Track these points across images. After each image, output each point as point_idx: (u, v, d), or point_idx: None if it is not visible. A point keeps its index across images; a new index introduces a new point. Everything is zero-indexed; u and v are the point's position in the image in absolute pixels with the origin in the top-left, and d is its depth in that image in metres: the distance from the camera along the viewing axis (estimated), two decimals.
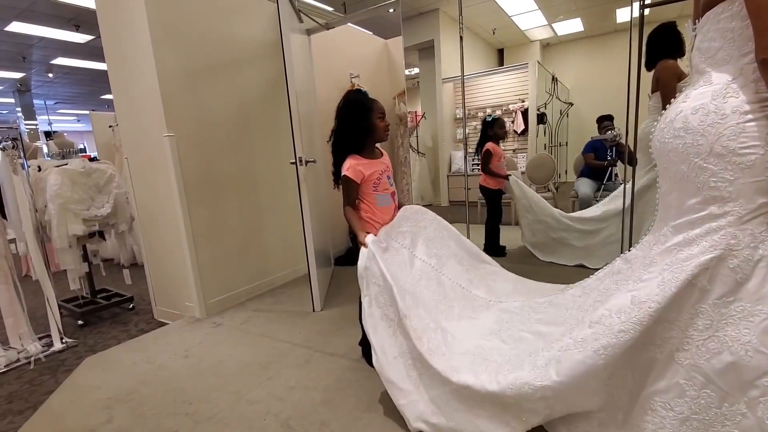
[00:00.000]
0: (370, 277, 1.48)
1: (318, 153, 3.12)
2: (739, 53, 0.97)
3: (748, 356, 0.94)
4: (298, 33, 2.88)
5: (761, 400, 0.93)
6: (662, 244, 1.09)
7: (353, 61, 3.84)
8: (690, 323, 1.01)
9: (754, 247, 0.95)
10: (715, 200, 0.99)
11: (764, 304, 0.94)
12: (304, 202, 2.46)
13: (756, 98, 0.94)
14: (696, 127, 0.99)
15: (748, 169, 0.94)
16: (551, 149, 5.55)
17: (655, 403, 1.06)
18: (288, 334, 2.28)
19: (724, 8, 0.98)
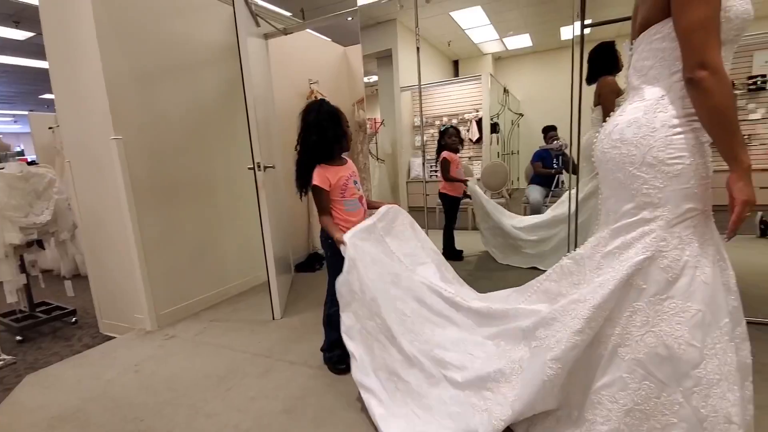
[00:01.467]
0: (349, 293, 1.51)
1: (277, 158, 3.08)
2: (668, 72, 1.05)
3: (681, 349, 1.01)
4: (256, 37, 2.84)
5: (695, 390, 1.00)
6: (605, 246, 1.16)
7: (312, 67, 3.84)
8: (629, 320, 1.08)
9: (681, 249, 1.03)
10: (646, 206, 1.07)
11: (693, 302, 1.01)
12: (263, 208, 2.42)
13: (683, 113, 1.02)
14: (630, 139, 1.07)
15: (676, 177, 1.02)
16: (504, 157, 5.81)
17: (602, 397, 1.11)
18: (247, 343, 2.23)
19: (656, 30, 1.06)
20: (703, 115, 0.98)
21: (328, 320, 1.88)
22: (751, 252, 3.05)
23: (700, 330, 1.00)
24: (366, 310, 1.49)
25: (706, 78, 0.93)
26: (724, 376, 1.00)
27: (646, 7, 1.07)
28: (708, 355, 1.00)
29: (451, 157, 3.27)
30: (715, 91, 0.94)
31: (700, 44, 0.94)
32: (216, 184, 2.93)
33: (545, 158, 3.75)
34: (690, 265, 1.02)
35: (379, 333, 1.47)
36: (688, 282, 1.02)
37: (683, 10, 0.96)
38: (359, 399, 1.64)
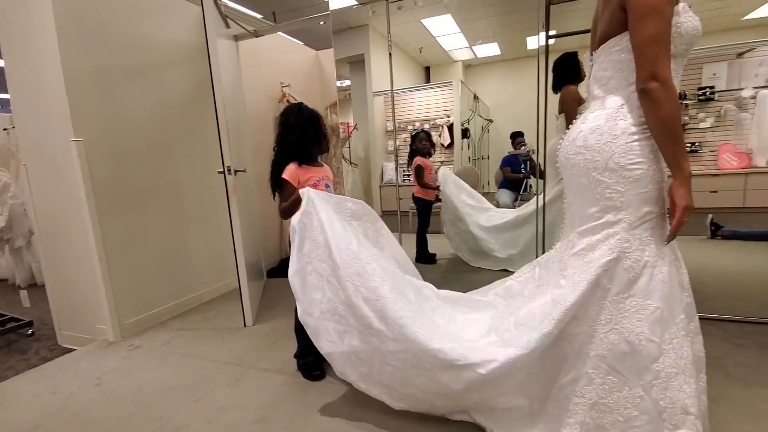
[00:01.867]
0: (304, 231, 1.48)
1: (248, 162, 3.03)
2: (626, 82, 1.11)
3: (642, 345, 1.06)
4: (225, 38, 2.79)
5: (654, 383, 1.06)
6: (571, 249, 1.21)
7: (284, 70, 3.81)
8: (595, 318, 1.12)
9: (641, 250, 1.08)
10: (610, 209, 1.12)
11: (652, 299, 1.07)
12: (233, 213, 2.38)
13: (640, 121, 1.08)
14: (594, 145, 1.12)
15: (636, 182, 1.08)
16: (475, 162, 5.94)
17: (568, 392, 1.16)
18: (217, 352, 2.17)
19: (615, 42, 1.11)
20: (653, 124, 1.04)
21: (300, 327, 1.85)
22: (701, 252, 3.24)
23: (658, 326, 1.06)
24: (320, 251, 1.46)
25: (657, 89, 1.00)
26: (680, 369, 1.06)
27: (605, 21, 1.13)
28: (666, 350, 1.06)
29: (425, 163, 3.33)
30: (664, 102, 1.00)
31: (652, 57, 1.00)
32: (184, 188, 2.85)
33: (513, 163, 3.88)
34: (649, 265, 1.08)
35: (330, 276, 1.44)
36: (647, 281, 1.07)
37: (638, 25, 1.02)
38: (333, 404, 1.64)
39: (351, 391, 1.70)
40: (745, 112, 4.52)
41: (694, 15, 1.06)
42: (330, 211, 1.51)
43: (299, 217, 1.49)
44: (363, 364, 1.44)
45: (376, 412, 1.54)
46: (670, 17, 1.02)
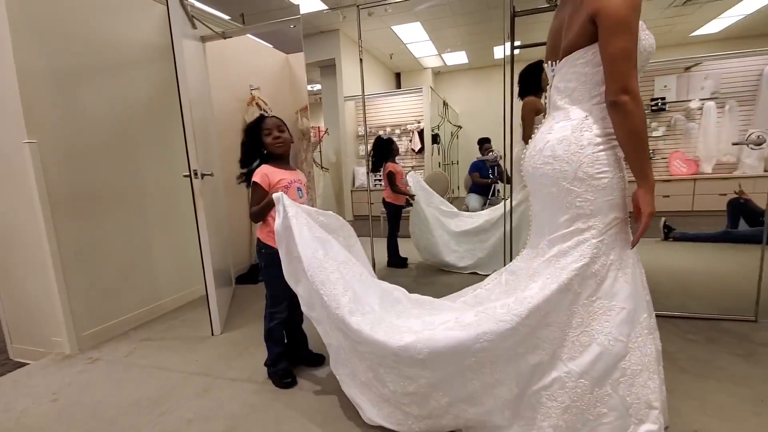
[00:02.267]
0: (288, 234, 1.51)
1: (216, 165, 2.96)
2: (589, 95, 1.15)
3: (610, 345, 1.11)
4: (192, 39, 2.73)
5: (621, 380, 1.11)
6: (542, 256, 1.24)
7: (253, 73, 3.75)
8: (567, 323, 1.16)
9: (607, 254, 1.14)
10: (580, 217, 1.16)
11: (617, 300, 1.12)
12: (200, 217, 2.31)
13: (604, 132, 1.14)
14: (562, 156, 1.16)
15: (603, 190, 1.13)
16: (445, 167, 6.05)
17: (541, 397, 1.18)
18: (183, 362, 2.10)
19: (580, 55, 1.14)
20: (622, 135, 1.08)
21: (269, 335, 1.84)
22: (656, 253, 3.44)
23: (626, 326, 1.12)
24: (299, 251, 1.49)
25: (628, 102, 1.04)
26: (645, 366, 1.12)
27: (573, 32, 1.15)
28: (632, 348, 1.12)
29: (396, 168, 3.35)
30: (634, 114, 1.05)
31: (624, 72, 1.04)
32: (148, 193, 2.74)
33: (481, 169, 3.98)
34: (614, 268, 1.14)
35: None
36: (612, 283, 1.13)
37: (610, 40, 1.05)
38: (306, 412, 1.62)
39: (324, 400, 1.69)
40: (693, 122, 4.84)
41: (650, 33, 1.13)
42: (301, 218, 1.53)
43: (281, 222, 1.51)
44: (345, 362, 1.49)
45: (347, 420, 1.53)
46: (638, 34, 1.07)
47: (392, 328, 1.33)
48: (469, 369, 1.23)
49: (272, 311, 1.82)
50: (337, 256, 1.53)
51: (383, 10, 4.26)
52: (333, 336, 1.50)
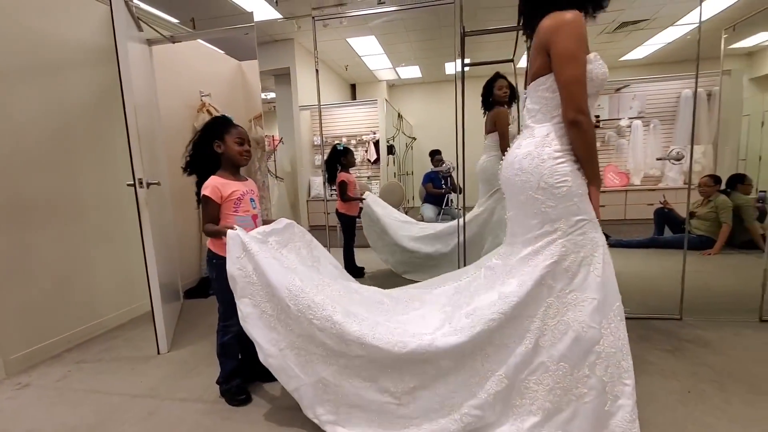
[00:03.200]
0: (242, 277, 1.47)
1: (163, 174, 2.82)
2: (550, 116, 1.33)
3: (584, 331, 1.25)
4: (137, 42, 2.61)
5: (597, 362, 1.25)
6: (517, 255, 1.37)
7: (204, 79, 3.63)
8: (545, 314, 1.30)
9: (577, 252, 1.28)
10: (547, 221, 1.31)
11: (589, 291, 1.26)
12: (145, 229, 2.19)
13: (563, 148, 1.30)
14: (527, 168, 1.33)
15: (563, 197, 1.28)
16: (400, 177, 6.16)
17: (529, 382, 1.31)
18: (125, 384, 1.96)
19: (542, 82, 1.33)
20: (580, 148, 1.28)
21: (223, 350, 1.77)
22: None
23: (597, 314, 1.25)
24: (263, 293, 1.47)
25: (584, 121, 1.24)
26: (618, 348, 1.26)
27: (537, 63, 1.33)
28: (605, 334, 1.25)
29: (348, 178, 3.33)
30: (588, 131, 1.25)
31: (577, 95, 1.23)
32: (87, 203, 2.55)
33: (434, 180, 4.10)
34: (585, 264, 1.28)
35: (280, 312, 1.46)
36: (584, 277, 1.28)
37: (562, 69, 1.24)
38: (262, 431, 1.57)
39: (281, 417, 1.64)
40: (624, 138, 5.31)
41: (603, 63, 1.29)
42: (264, 250, 1.50)
43: (234, 263, 1.47)
44: (330, 392, 1.44)
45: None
46: (586, 62, 1.25)
47: (390, 333, 1.39)
48: (465, 364, 1.35)
49: (225, 324, 1.75)
50: (311, 280, 1.53)
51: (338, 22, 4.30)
52: (307, 375, 1.45)
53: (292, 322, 1.44)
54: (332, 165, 3.35)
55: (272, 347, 1.46)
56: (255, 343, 1.47)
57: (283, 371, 1.46)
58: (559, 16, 1.25)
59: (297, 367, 1.46)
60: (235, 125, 1.74)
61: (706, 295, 2.70)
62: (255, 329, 1.47)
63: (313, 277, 1.56)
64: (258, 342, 1.46)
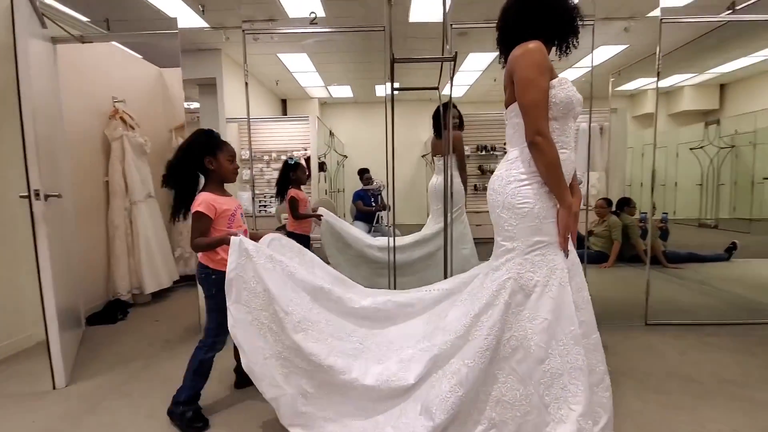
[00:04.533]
0: (240, 283, 1.48)
1: (65, 186, 2.54)
2: (520, 140, 1.37)
3: (532, 349, 1.28)
4: (40, 39, 2.35)
5: (541, 381, 1.27)
6: (487, 268, 1.44)
7: (118, 84, 3.36)
8: (501, 330, 1.32)
9: (533, 271, 1.32)
10: (508, 238, 1.37)
11: (542, 312, 1.30)
12: (41, 247, 1.94)
13: (529, 170, 1.35)
14: (497, 188, 1.40)
15: (524, 217, 1.34)
16: (332, 194, 6.16)
17: (481, 394, 1.33)
18: (13, 426, 1.69)
19: (513, 108, 1.40)
20: (541, 168, 1.32)
21: (199, 367, 1.68)
22: None
23: (545, 334, 1.28)
24: (259, 301, 1.48)
25: (541, 142, 1.29)
26: (566, 371, 1.27)
27: (508, 92, 1.42)
28: (552, 354, 1.28)
29: (299, 195, 3.06)
30: (547, 152, 1.29)
31: (537, 118, 1.30)
32: None
33: (364, 197, 4.18)
34: (540, 284, 1.32)
35: (271, 323, 1.48)
36: (538, 297, 1.31)
37: (523, 93, 1.32)
38: None
39: None
40: None
41: (570, 87, 1.35)
42: (266, 260, 1.52)
43: (233, 268, 1.48)
44: (309, 404, 1.47)
45: None
46: (546, 87, 1.31)
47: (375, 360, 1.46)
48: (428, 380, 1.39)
49: (215, 340, 1.69)
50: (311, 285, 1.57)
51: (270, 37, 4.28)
52: (288, 385, 1.47)
53: (283, 334, 1.46)
54: (283, 180, 3.08)
55: (258, 355, 1.47)
56: (240, 349, 1.47)
57: (264, 379, 1.46)
58: (523, 46, 1.33)
59: (280, 377, 1.47)
60: (226, 142, 1.75)
61: (602, 303, 3.02)
62: (243, 336, 1.48)
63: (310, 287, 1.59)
64: (244, 349, 1.47)
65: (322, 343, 1.46)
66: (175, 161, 1.69)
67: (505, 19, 1.44)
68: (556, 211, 1.35)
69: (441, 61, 2.52)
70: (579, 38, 1.42)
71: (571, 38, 1.40)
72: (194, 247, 1.65)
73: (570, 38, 1.40)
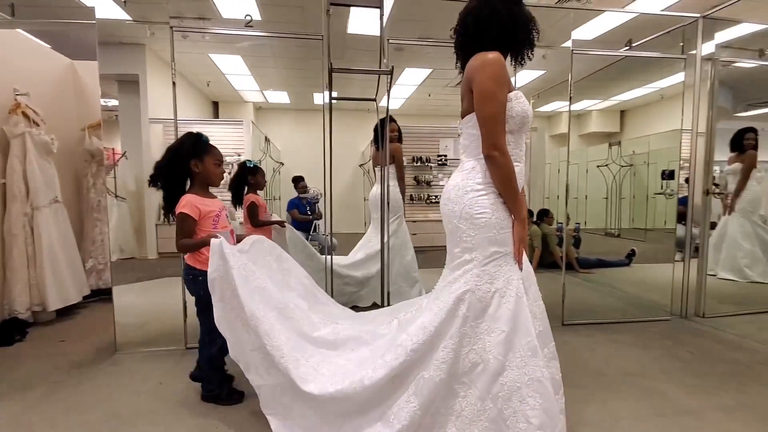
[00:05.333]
0: (222, 283, 1.54)
1: None
2: (476, 151, 1.36)
3: (491, 363, 1.26)
4: None
5: (499, 395, 1.25)
6: (443, 280, 1.42)
7: (21, 76, 2.99)
8: (459, 343, 1.30)
9: (490, 283, 1.31)
10: (466, 249, 1.35)
11: (500, 323, 1.28)
12: None
13: (485, 181, 1.34)
14: (454, 198, 1.38)
15: (482, 227, 1.32)
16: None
17: (441, 408, 1.31)
18: None
19: (469, 119, 1.38)
20: (496, 181, 1.33)
21: (210, 364, 1.80)
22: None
23: (502, 346, 1.27)
24: (238, 301, 1.54)
25: (497, 156, 1.29)
26: (524, 384, 1.25)
27: (466, 101, 1.39)
28: (509, 367, 1.26)
29: (259, 200, 2.86)
30: (502, 165, 1.30)
31: (493, 132, 1.30)
32: None
33: (299, 206, 4.12)
34: (497, 295, 1.31)
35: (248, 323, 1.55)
36: (495, 308, 1.30)
37: (481, 106, 1.31)
38: None
39: None
40: None
41: (525, 101, 1.36)
42: (241, 269, 1.57)
43: (214, 269, 1.53)
44: (286, 395, 1.53)
45: None
46: (504, 101, 1.31)
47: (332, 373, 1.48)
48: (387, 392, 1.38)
49: (211, 337, 1.73)
50: (277, 303, 1.62)
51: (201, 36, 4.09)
52: (269, 377, 1.55)
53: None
54: (240, 184, 2.85)
55: (244, 347, 1.56)
56: (228, 341, 1.57)
57: (249, 369, 1.57)
58: (482, 56, 1.31)
59: (261, 368, 1.56)
60: (214, 146, 1.81)
61: None
62: (228, 330, 1.56)
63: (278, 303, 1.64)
64: (230, 341, 1.57)
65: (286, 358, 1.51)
66: (162, 162, 1.76)
67: (465, 25, 1.41)
68: (512, 221, 1.37)
69: (378, 74, 2.59)
70: (534, 51, 1.43)
71: (526, 50, 1.41)
72: (179, 248, 1.71)
73: (525, 50, 1.41)
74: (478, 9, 1.37)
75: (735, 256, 3.76)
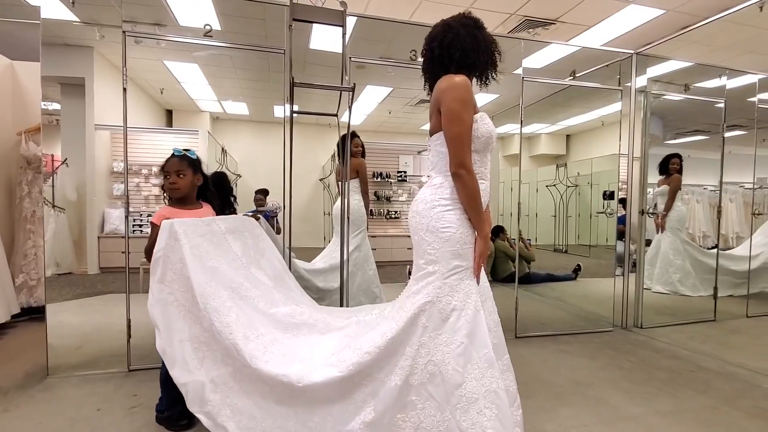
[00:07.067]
0: (166, 264, 1.53)
1: None
2: (444, 168, 1.42)
3: (449, 374, 1.28)
4: None
5: (458, 406, 1.27)
6: (407, 291, 1.44)
7: None
8: (417, 353, 1.32)
9: (451, 295, 1.34)
10: (430, 261, 1.39)
11: (459, 335, 1.31)
12: None
13: (451, 196, 1.40)
14: (421, 212, 1.43)
15: (446, 241, 1.37)
16: None
17: (398, 420, 1.31)
18: None
19: (438, 137, 1.43)
20: (462, 198, 1.38)
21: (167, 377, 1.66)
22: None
23: (462, 358, 1.30)
24: (182, 283, 1.53)
25: (464, 174, 1.35)
26: (482, 395, 1.28)
27: (434, 120, 1.45)
28: (468, 378, 1.29)
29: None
30: (468, 183, 1.36)
31: (460, 151, 1.35)
32: None
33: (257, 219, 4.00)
34: (457, 308, 1.35)
35: (192, 306, 1.52)
36: (455, 321, 1.34)
37: (447, 126, 1.37)
38: None
39: None
40: None
41: (489, 122, 1.43)
42: (194, 243, 1.56)
43: (161, 248, 1.53)
44: (218, 391, 1.48)
45: None
46: (470, 122, 1.37)
47: (281, 355, 1.45)
48: (340, 394, 1.37)
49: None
50: (231, 283, 1.59)
51: (155, 42, 3.96)
52: (198, 372, 1.50)
53: (203, 317, 1.49)
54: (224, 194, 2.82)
55: (173, 337, 1.51)
56: (156, 329, 1.51)
57: (176, 363, 1.50)
58: (450, 79, 1.37)
59: (192, 362, 1.51)
60: (169, 158, 1.78)
61: None
62: (160, 316, 1.52)
63: (232, 282, 1.60)
64: (159, 329, 1.51)
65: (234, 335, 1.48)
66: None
67: (431, 50, 1.48)
68: (474, 237, 1.42)
69: (340, 90, 2.62)
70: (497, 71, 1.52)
71: (490, 71, 1.49)
72: (145, 254, 1.71)
73: (489, 71, 1.48)
74: (441, 34, 1.45)
75: (668, 271, 4.08)
